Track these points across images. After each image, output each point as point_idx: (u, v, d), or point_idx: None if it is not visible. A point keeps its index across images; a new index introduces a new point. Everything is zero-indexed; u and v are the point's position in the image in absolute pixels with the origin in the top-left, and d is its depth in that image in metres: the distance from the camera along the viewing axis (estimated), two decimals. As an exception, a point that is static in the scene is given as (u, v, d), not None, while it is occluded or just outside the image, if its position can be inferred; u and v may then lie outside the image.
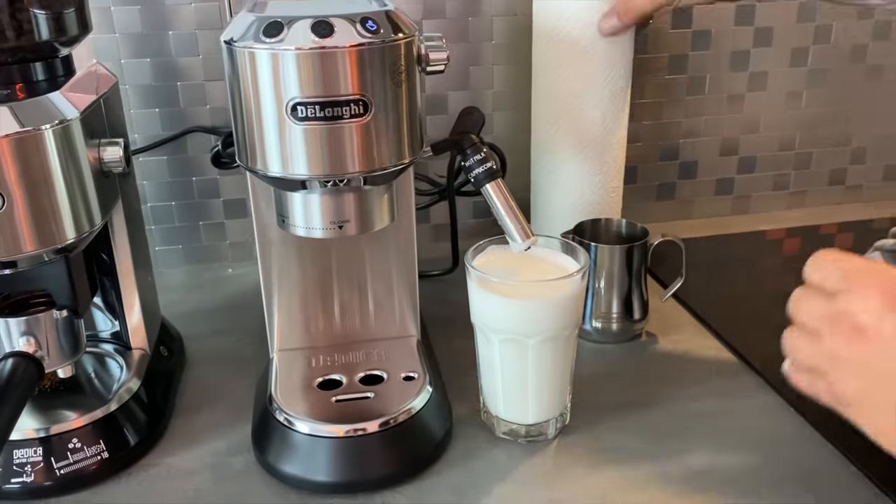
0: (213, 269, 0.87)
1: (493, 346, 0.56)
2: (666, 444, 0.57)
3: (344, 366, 0.62)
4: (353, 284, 0.65)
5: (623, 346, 0.71)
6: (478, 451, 0.57)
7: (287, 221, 0.53)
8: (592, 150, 0.77)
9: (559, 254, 0.59)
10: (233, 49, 0.47)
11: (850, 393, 0.42)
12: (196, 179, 0.84)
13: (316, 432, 0.55)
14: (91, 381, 0.60)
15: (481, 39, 0.85)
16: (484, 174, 0.56)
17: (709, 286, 0.80)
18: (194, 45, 0.79)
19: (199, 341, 0.73)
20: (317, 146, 0.47)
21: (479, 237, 0.60)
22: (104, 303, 0.64)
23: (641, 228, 0.71)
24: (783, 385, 0.63)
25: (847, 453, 0.55)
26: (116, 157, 0.54)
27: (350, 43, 0.45)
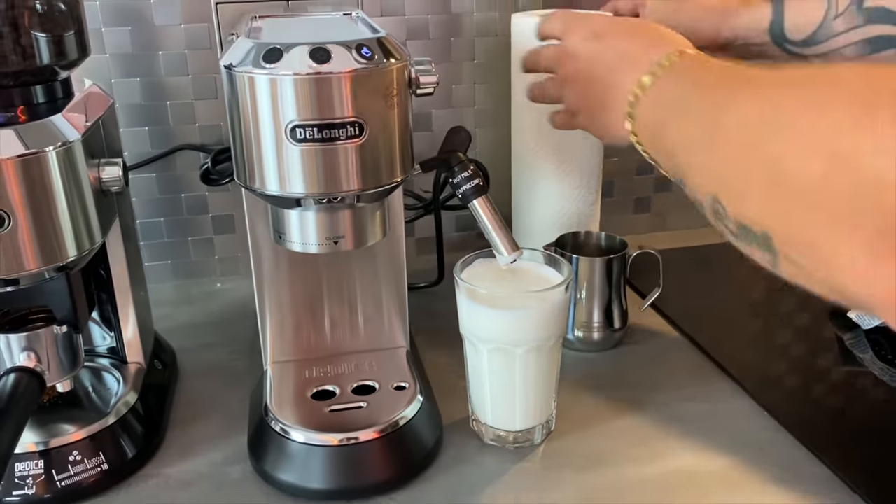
0: (202, 283, 0.89)
1: (482, 355, 0.59)
2: (648, 447, 0.60)
3: (336, 377, 0.64)
4: (343, 297, 0.67)
5: (604, 355, 0.73)
6: (467, 457, 0.60)
7: (283, 237, 0.55)
8: (571, 165, 0.79)
9: (543, 266, 0.62)
10: (233, 74, 0.49)
11: (575, 105, 0.60)
12: (185, 196, 0.86)
13: (311, 441, 0.57)
14: (89, 395, 0.62)
15: (463, 59, 0.87)
16: (471, 190, 0.58)
17: (685, 295, 0.84)
18: (183, 65, 0.81)
19: (190, 354, 0.74)
20: (314, 166, 0.49)
21: (463, 249, 0.63)
22: (101, 317, 0.65)
23: (620, 241, 0.74)
24: (758, 390, 0.67)
25: (819, 455, 0.58)
26: (116, 176, 0.55)
27: (346, 69, 0.47)
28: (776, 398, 0.65)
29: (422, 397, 0.60)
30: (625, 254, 0.72)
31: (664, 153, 0.48)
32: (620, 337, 0.74)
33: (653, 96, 0.49)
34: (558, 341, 0.60)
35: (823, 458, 0.58)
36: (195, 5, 0.79)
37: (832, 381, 0.70)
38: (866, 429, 0.63)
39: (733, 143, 0.39)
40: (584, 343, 0.73)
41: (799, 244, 0.35)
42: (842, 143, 0.32)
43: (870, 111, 0.31)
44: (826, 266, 0.34)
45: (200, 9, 0.79)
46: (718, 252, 0.94)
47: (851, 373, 0.71)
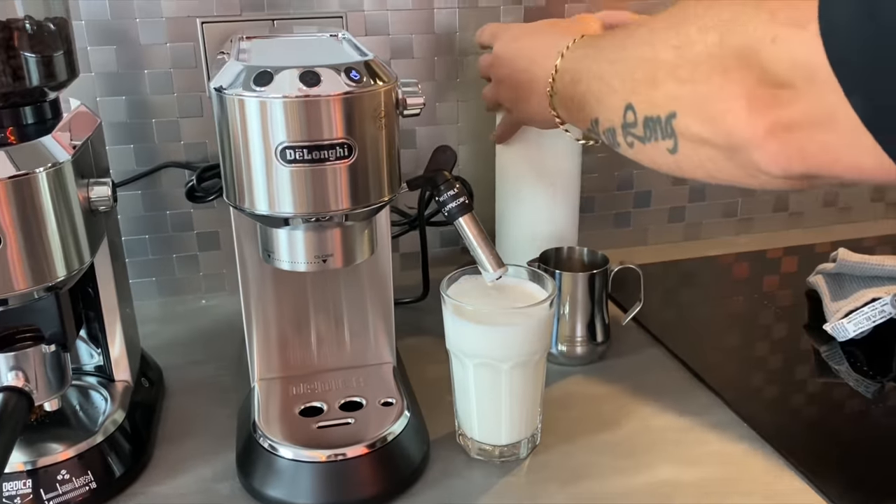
0: (187, 300, 0.89)
1: (468, 370, 0.59)
2: (631, 460, 0.61)
3: (323, 393, 0.64)
4: (330, 313, 0.67)
5: (588, 368, 0.74)
6: (454, 471, 0.60)
7: (272, 256, 0.56)
8: (552, 181, 0.81)
9: (528, 282, 0.63)
10: (223, 96, 0.50)
11: (509, 102, 0.71)
12: (170, 213, 0.86)
13: (299, 457, 0.57)
14: (77, 414, 0.62)
15: (447, 77, 0.89)
16: (457, 208, 0.59)
17: (665, 309, 0.85)
18: (169, 84, 0.82)
19: (176, 372, 0.74)
20: (303, 186, 0.50)
21: (448, 264, 0.64)
22: (88, 336, 0.65)
23: (602, 256, 0.75)
24: (737, 402, 0.68)
25: (796, 464, 0.60)
26: (105, 196, 0.56)
27: (336, 92, 0.48)
28: (755, 409, 0.67)
29: (409, 413, 0.61)
30: (606, 269, 0.73)
31: (578, 109, 0.57)
32: (603, 351, 0.76)
33: (563, 70, 0.59)
34: (543, 356, 0.61)
35: (801, 468, 0.59)
36: (180, 25, 0.80)
37: (809, 392, 0.71)
38: (843, 439, 0.64)
39: (645, 44, 0.48)
40: (567, 357, 0.74)
41: (697, 106, 0.44)
42: (734, 14, 0.41)
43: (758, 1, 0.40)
44: (716, 120, 0.43)
45: (186, 28, 0.80)
46: (696, 266, 0.97)
47: (828, 384, 0.72)
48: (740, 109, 0.41)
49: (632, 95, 0.49)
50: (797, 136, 0.40)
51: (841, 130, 0.37)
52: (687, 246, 1.03)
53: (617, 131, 0.52)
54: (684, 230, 1.04)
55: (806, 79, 0.38)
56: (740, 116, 0.42)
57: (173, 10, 0.79)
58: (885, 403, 0.68)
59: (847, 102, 0.36)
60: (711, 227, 1.05)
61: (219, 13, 0.80)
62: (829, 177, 0.41)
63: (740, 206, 1.05)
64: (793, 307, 0.86)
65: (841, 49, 0.36)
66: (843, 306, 0.76)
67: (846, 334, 0.74)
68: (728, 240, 1.05)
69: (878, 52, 0.34)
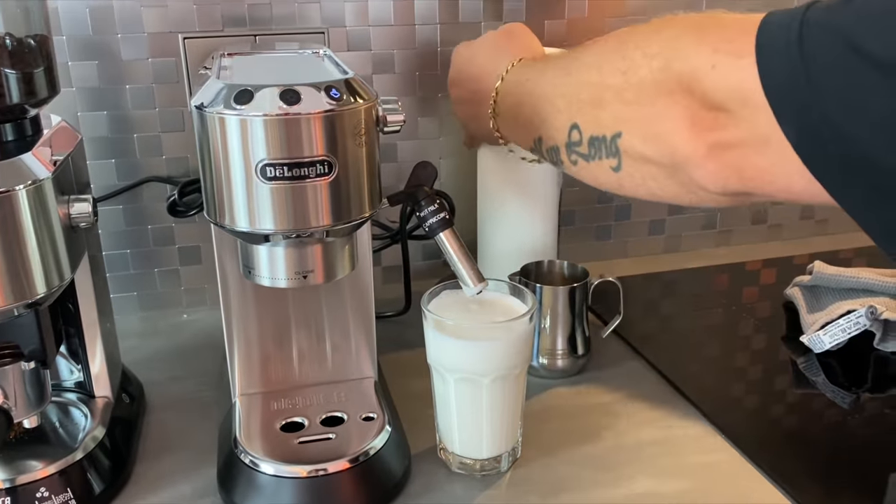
0: (169, 315, 0.89)
1: (449, 385, 0.60)
2: (612, 472, 0.62)
3: (305, 408, 0.64)
4: (311, 328, 0.67)
5: (568, 381, 0.75)
6: (436, 485, 0.61)
7: (253, 272, 0.56)
8: (533, 195, 0.81)
9: (508, 296, 0.64)
10: (203, 114, 0.50)
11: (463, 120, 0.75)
12: (151, 227, 0.86)
13: (280, 473, 0.57)
14: (56, 431, 0.61)
15: (428, 93, 0.89)
16: (438, 224, 0.60)
17: (645, 321, 0.86)
18: (151, 99, 0.82)
19: (158, 387, 0.74)
20: (283, 203, 0.50)
21: (430, 277, 0.64)
22: (68, 351, 0.65)
23: (582, 269, 0.76)
24: (716, 414, 0.69)
25: (774, 476, 0.60)
26: (85, 213, 0.56)
27: (316, 110, 0.49)
28: (733, 421, 0.68)
29: (390, 428, 0.61)
30: (587, 282, 0.74)
31: (521, 128, 0.60)
32: (584, 363, 0.76)
33: (504, 93, 0.62)
34: (524, 370, 0.61)
35: (779, 480, 0.60)
36: (162, 40, 0.80)
37: (787, 404, 0.72)
38: (820, 451, 0.65)
39: (591, 68, 0.51)
40: (548, 370, 0.75)
41: (642, 126, 0.47)
42: (678, 43, 0.45)
43: (699, 29, 0.44)
44: (660, 138, 0.46)
45: (168, 43, 0.80)
46: (678, 278, 0.98)
47: (805, 396, 0.73)
48: (683, 130, 0.44)
49: (577, 115, 0.52)
50: (735, 156, 0.43)
51: (773, 154, 0.40)
52: (667, 258, 1.04)
53: (561, 149, 0.55)
54: (664, 242, 1.05)
55: (741, 104, 0.41)
56: (683, 136, 0.45)
57: (155, 25, 0.79)
58: (860, 414, 0.69)
59: (777, 130, 0.39)
60: (691, 239, 1.06)
61: (201, 29, 0.81)
62: (763, 196, 0.44)
63: (720, 219, 1.06)
64: (771, 319, 0.87)
65: (774, 79, 0.39)
66: (820, 318, 0.77)
67: (822, 346, 0.76)
68: (707, 252, 1.06)
69: (805, 84, 0.37)
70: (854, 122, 0.36)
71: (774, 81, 0.39)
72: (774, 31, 0.40)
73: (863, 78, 0.35)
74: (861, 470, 0.62)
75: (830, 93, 0.36)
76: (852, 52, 0.35)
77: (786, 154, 0.39)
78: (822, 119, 0.37)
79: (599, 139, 0.50)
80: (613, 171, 0.50)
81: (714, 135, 0.43)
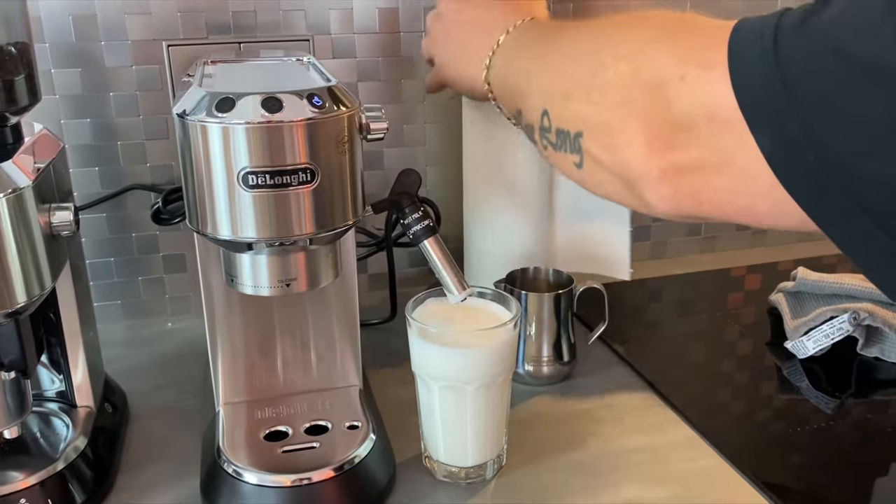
0: (153, 323, 0.88)
1: (433, 392, 0.60)
2: (597, 479, 0.62)
3: (289, 417, 0.64)
4: (295, 337, 0.67)
5: (554, 388, 0.75)
6: (421, 494, 0.60)
7: (235, 281, 0.56)
8: (522, 202, 0.81)
9: (492, 303, 0.64)
10: (185, 122, 0.50)
11: (443, 58, 0.70)
12: (135, 235, 0.86)
13: (264, 483, 0.57)
14: (37, 441, 0.61)
15: (414, 100, 0.89)
16: (422, 231, 0.60)
17: (630, 328, 0.86)
18: (135, 106, 0.81)
19: (141, 396, 0.73)
20: (266, 211, 0.50)
21: (415, 285, 0.64)
22: (49, 361, 0.65)
23: (567, 276, 0.76)
24: (700, 420, 0.69)
25: (759, 482, 0.60)
26: (66, 221, 0.55)
27: (298, 118, 0.49)
28: (718, 427, 0.68)
29: (374, 436, 0.61)
30: (572, 289, 0.74)
31: (508, 93, 0.58)
32: (569, 370, 0.76)
33: (504, 49, 0.60)
34: (508, 377, 0.61)
35: (764, 486, 0.60)
36: (146, 47, 0.80)
37: (771, 410, 0.72)
38: (804, 456, 0.65)
39: (566, 58, 0.50)
40: (534, 377, 0.75)
41: (600, 133, 0.45)
42: (648, 49, 0.43)
43: (669, 36, 0.42)
44: (617, 149, 0.44)
45: (152, 51, 0.80)
46: (663, 285, 0.98)
47: (789, 401, 0.74)
48: (638, 146, 0.43)
49: (549, 103, 0.51)
50: (691, 180, 0.41)
51: (737, 174, 0.39)
52: (652, 264, 1.04)
53: (535, 130, 0.53)
54: (650, 249, 1.05)
55: (707, 118, 0.39)
56: (637, 153, 0.43)
57: (139, 32, 0.79)
58: (844, 419, 0.69)
59: (745, 145, 0.37)
60: (676, 245, 1.06)
61: (185, 36, 0.80)
62: (721, 218, 0.42)
63: (705, 225, 1.07)
64: (755, 325, 0.87)
65: (748, 88, 0.37)
66: (803, 324, 0.77)
67: (806, 351, 0.76)
68: (692, 258, 1.06)
69: (782, 92, 0.36)
70: (835, 130, 0.34)
71: (748, 90, 0.37)
72: (748, 37, 0.38)
73: (846, 82, 0.34)
74: (845, 475, 0.63)
75: (810, 100, 0.35)
76: (834, 56, 0.34)
77: (751, 172, 0.38)
78: (800, 128, 0.35)
79: (564, 133, 0.49)
80: (576, 167, 0.49)
81: (670, 156, 0.41)
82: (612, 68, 0.45)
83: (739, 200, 0.40)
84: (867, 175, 0.34)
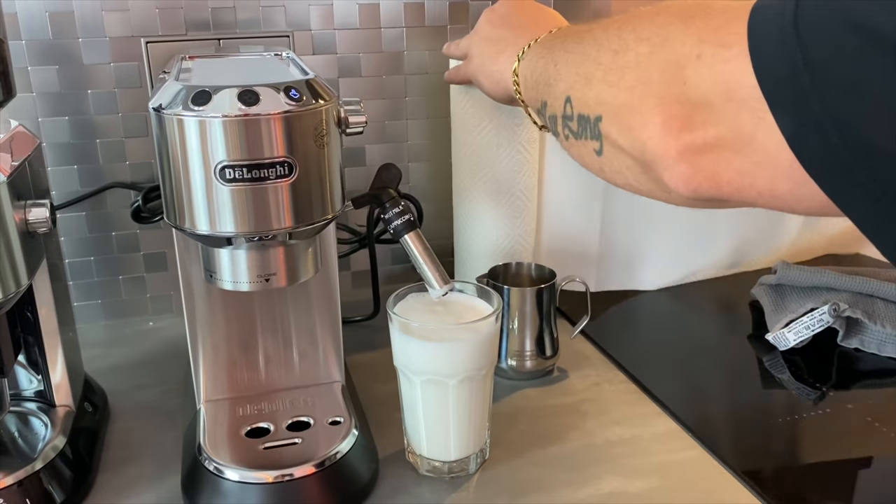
0: (134, 323, 0.87)
1: (416, 387, 0.60)
2: (579, 472, 0.62)
3: (271, 413, 0.64)
4: (277, 333, 0.67)
5: (536, 382, 0.75)
6: (404, 489, 0.60)
7: (214, 276, 0.55)
8: (509, 197, 0.81)
9: (474, 298, 0.63)
10: (161, 116, 0.49)
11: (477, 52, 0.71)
12: (115, 234, 0.85)
13: (246, 479, 0.56)
14: (15, 441, 0.60)
15: (396, 96, 0.89)
16: (402, 226, 0.59)
17: (613, 322, 0.86)
18: (113, 104, 0.81)
19: (122, 395, 0.73)
20: (244, 205, 0.50)
21: (398, 282, 0.64)
22: (27, 360, 0.64)
23: (549, 270, 0.76)
24: (683, 412, 0.69)
25: (741, 473, 0.61)
26: (42, 218, 0.55)
27: (275, 111, 0.48)
28: (700, 419, 0.68)
29: (357, 431, 0.61)
30: (554, 283, 0.74)
31: (535, 86, 0.59)
32: (552, 365, 0.76)
33: (539, 44, 0.60)
34: (490, 371, 0.61)
35: (746, 477, 0.60)
36: (125, 44, 0.79)
37: (753, 401, 0.73)
38: (786, 447, 0.66)
39: (593, 44, 0.49)
40: (516, 371, 0.75)
41: (618, 114, 0.45)
42: (666, 31, 0.43)
43: (686, 17, 0.42)
44: (634, 130, 0.44)
45: (130, 48, 0.79)
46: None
47: (771, 393, 0.74)
48: (655, 126, 0.42)
49: (572, 89, 0.51)
50: (710, 160, 0.40)
51: (756, 154, 0.38)
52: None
53: (558, 120, 0.53)
54: (633, 244, 1.05)
55: (725, 97, 0.38)
56: (654, 133, 0.42)
57: (117, 29, 0.79)
58: (825, 410, 0.70)
59: (765, 124, 0.37)
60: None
61: (164, 33, 0.80)
62: (741, 202, 0.41)
63: (687, 220, 1.07)
64: (737, 318, 0.88)
65: (768, 67, 0.36)
66: (784, 316, 0.78)
67: (787, 343, 0.76)
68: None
69: (803, 69, 0.35)
70: (859, 108, 0.33)
71: (768, 69, 0.36)
72: (767, 15, 0.37)
73: (870, 58, 0.32)
74: (826, 465, 0.63)
75: (832, 77, 0.34)
76: (856, 32, 0.33)
77: (771, 152, 0.37)
78: (822, 107, 0.34)
79: (585, 118, 0.49)
80: (597, 154, 0.49)
81: (689, 136, 0.41)
82: (633, 50, 0.44)
83: (759, 182, 0.39)
84: (892, 154, 0.33)
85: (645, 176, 0.45)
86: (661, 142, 0.42)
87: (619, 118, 0.45)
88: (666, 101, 0.41)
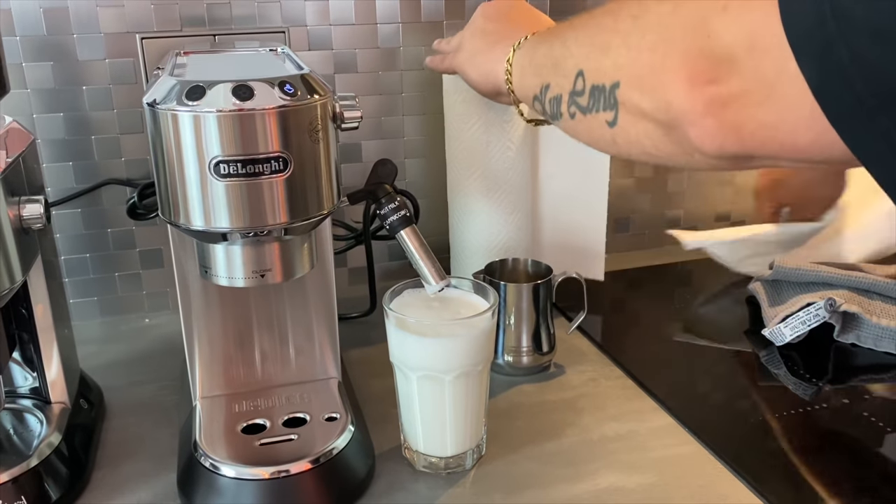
0: (130, 319, 0.87)
1: (412, 383, 0.59)
2: (576, 468, 0.62)
3: (267, 410, 0.64)
4: (273, 329, 0.67)
5: (533, 378, 0.75)
6: (400, 485, 0.60)
7: (210, 272, 0.55)
8: (504, 192, 0.81)
9: (471, 294, 0.63)
10: (156, 111, 0.49)
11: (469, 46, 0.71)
12: (111, 231, 0.85)
13: (242, 476, 0.56)
14: (10, 438, 0.60)
15: (392, 92, 0.89)
16: (398, 221, 0.59)
17: (610, 317, 0.86)
18: (109, 100, 0.80)
19: (118, 392, 0.73)
20: (239, 201, 0.50)
21: (395, 279, 0.64)
22: (22, 357, 0.64)
23: (546, 266, 0.76)
24: (679, 408, 0.69)
25: (738, 469, 0.61)
26: (37, 214, 0.55)
27: (269, 105, 0.48)
28: (697, 415, 0.68)
29: (353, 427, 0.61)
30: (550, 279, 0.74)
31: (532, 71, 0.59)
32: (549, 360, 0.76)
33: (538, 34, 0.61)
34: (486, 366, 0.61)
35: (743, 472, 0.60)
36: (120, 40, 0.79)
37: (750, 396, 0.73)
38: (783, 442, 0.66)
39: (610, 13, 0.49)
40: (513, 367, 0.75)
41: (639, 76, 0.45)
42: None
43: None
44: (656, 91, 0.43)
45: (125, 44, 0.79)
46: (642, 275, 0.98)
47: (767, 388, 0.74)
48: (680, 82, 0.42)
49: (585, 61, 0.50)
50: (733, 113, 0.40)
51: (778, 103, 0.38)
52: (631, 255, 1.04)
53: (563, 99, 0.53)
54: (629, 240, 1.06)
55: (748, 48, 0.38)
56: (680, 89, 0.42)
57: (112, 25, 0.78)
58: (822, 405, 0.70)
59: (787, 73, 0.36)
60: (655, 236, 1.06)
61: (159, 28, 0.80)
62: (764, 156, 0.41)
63: (683, 216, 1.07)
64: (734, 313, 0.87)
65: (794, 15, 0.36)
66: (781, 311, 0.78)
67: (783, 338, 0.76)
68: (672, 248, 1.06)
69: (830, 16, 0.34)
70: (886, 53, 0.33)
71: (795, 16, 0.36)
72: None
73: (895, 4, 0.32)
74: (823, 460, 0.63)
75: (859, 22, 0.33)
76: None
77: (792, 102, 0.37)
78: (848, 53, 0.34)
79: (599, 88, 0.48)
80: (609, 125, 0.48)
81: (713, 88, 0.40)
82: (654, 11, 0.44)
83: (781, 134, 0.39)
84: None
85: (666, 138, 0.44)
86: (688, 97, 0.41)
87: (641, 80, 0.45)
88: (690, 55, 0.41)
